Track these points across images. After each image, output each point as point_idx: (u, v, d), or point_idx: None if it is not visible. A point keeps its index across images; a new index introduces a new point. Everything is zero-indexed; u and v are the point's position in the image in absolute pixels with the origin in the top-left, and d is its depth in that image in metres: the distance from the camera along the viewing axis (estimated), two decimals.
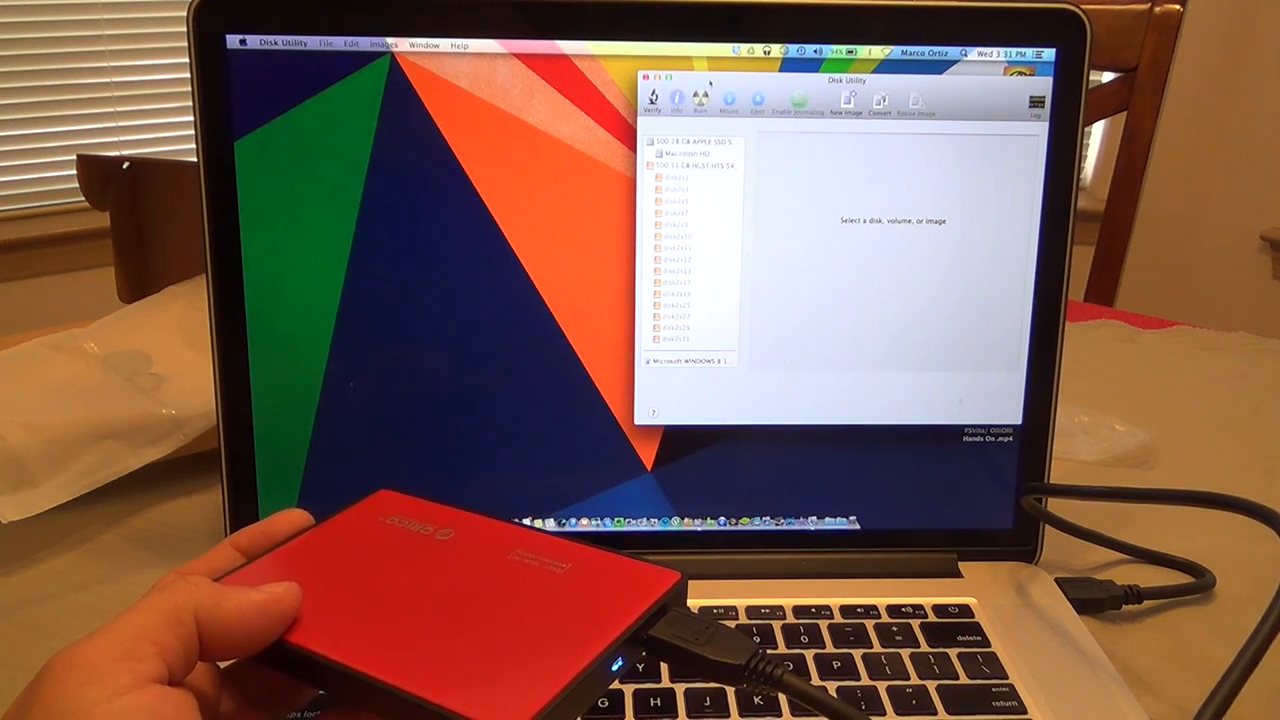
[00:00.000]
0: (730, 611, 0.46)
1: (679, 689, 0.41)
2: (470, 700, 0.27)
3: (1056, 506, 0.51)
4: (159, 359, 0.63)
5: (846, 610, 0.47)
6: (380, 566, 0.34)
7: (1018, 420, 0.50)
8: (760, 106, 0.47)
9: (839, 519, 0.50)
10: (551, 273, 0.47)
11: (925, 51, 0.47)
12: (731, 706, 0.40)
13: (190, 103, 0.45)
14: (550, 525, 0.50)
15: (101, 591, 0.50)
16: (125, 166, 0.79)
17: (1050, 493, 0.50)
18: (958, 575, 0.50)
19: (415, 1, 0.45)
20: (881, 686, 0.42)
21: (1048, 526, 0.51)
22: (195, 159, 0.46)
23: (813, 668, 0.43)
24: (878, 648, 0.44)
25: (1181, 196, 2.19)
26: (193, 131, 0.45)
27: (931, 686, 0.42)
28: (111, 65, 1.97)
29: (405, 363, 0.48)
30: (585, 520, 0.50)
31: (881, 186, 0.47)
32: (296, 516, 0.36)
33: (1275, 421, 0.73)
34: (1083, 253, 0.66)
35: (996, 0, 0.47)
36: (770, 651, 0.42)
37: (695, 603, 0.41)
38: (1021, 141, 0.47)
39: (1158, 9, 1.10)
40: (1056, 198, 0.48)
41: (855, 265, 0.48)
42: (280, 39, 0.45)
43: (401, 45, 0.45)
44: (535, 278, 0.47)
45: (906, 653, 0.44)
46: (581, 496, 0.49)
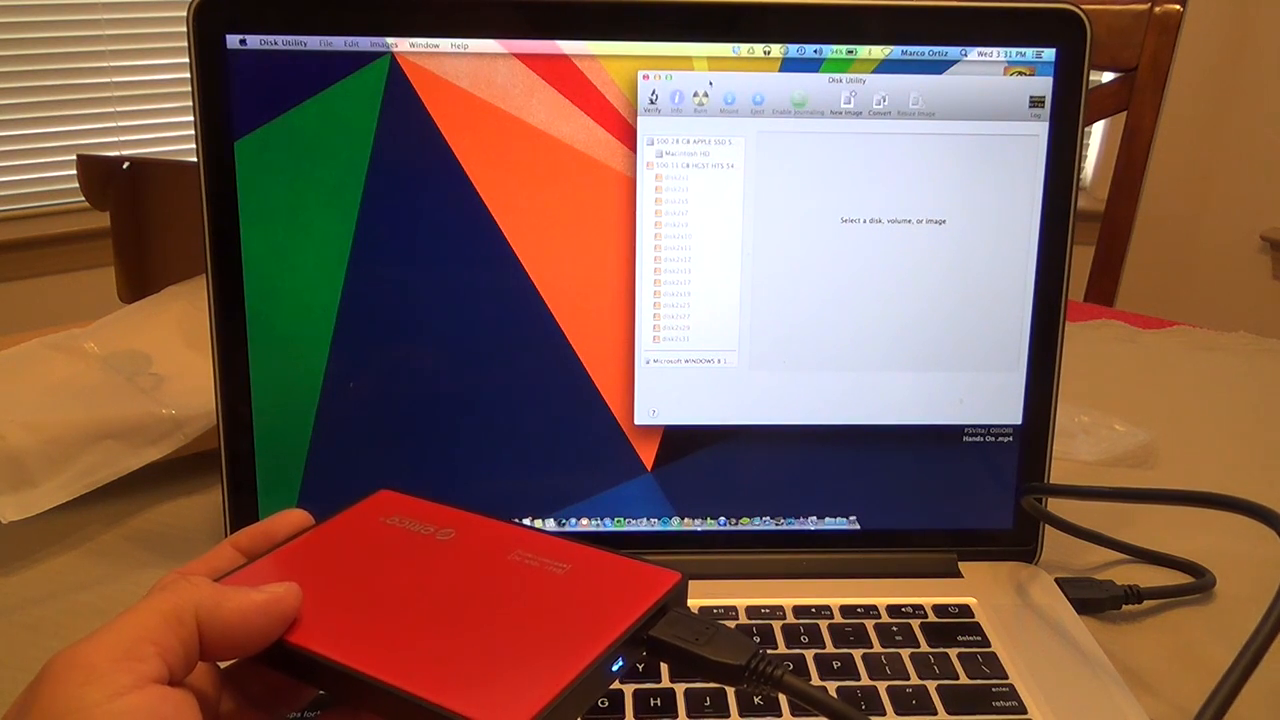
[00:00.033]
0: (730, 611, 0.46)
1: (679, 689, 0.41)
2: (470, 700, 0.27)
3: (1056, 506, 0.51)
4: (159, 359, 0.63)
5: (846, 610, 0.47)
6: (380, 567, 0.34)
7: (1018, 420, 0.50)
8: (760, 106, 0.47)
9: (839, 519, 0.50)
10: (551, 273, 0.47)
11: (925, 51, 0.47)
12: (731, 706, 0.40)
13: (190, 103, 0.45)
14: (550, 525, 0.50)
15: (101, 591, 0.50)
16: (125, 166, 0.79)
17: (1050, 493, 0.50)
18: (958, 575, 0.50)
19: (415, 1, 0.45)
20: (881, 686, 0.42)
21: (1048, 526, 0.51)
22: (195, 159, 0.46)
23: (813, 668, 0.43)
24: (878, 648, 0.44)
25: (1181, 196, 2.19)
26: (193, 131, 0.45)
27: (931, 686, 0.42)
28: (111, 65, 1.97)
29: (405, 363, 0.48)
30: (585, 520, 0.50)
31: (881, 186, 0.47)
32: (296, 517, 0.36)
33: (1275, 421, 0.73)
34: (1083, 253, 0.66)
35: (996, 0, 0.47)
36: (770, 651, 0.42)
37: (695, 603, 0.41)
38: (1021, 141, 0.47)
39: (1158, 9, 1.10)
40: (1056, 198, 0.48)
41: (855, 265, 0.48)
42: (280, 39, 0.45)
43: (401, 45, 0.45)
44: (535, 278, 0.47)
45: (906, 653, 0.44)
46: (581, 496, 0.49)
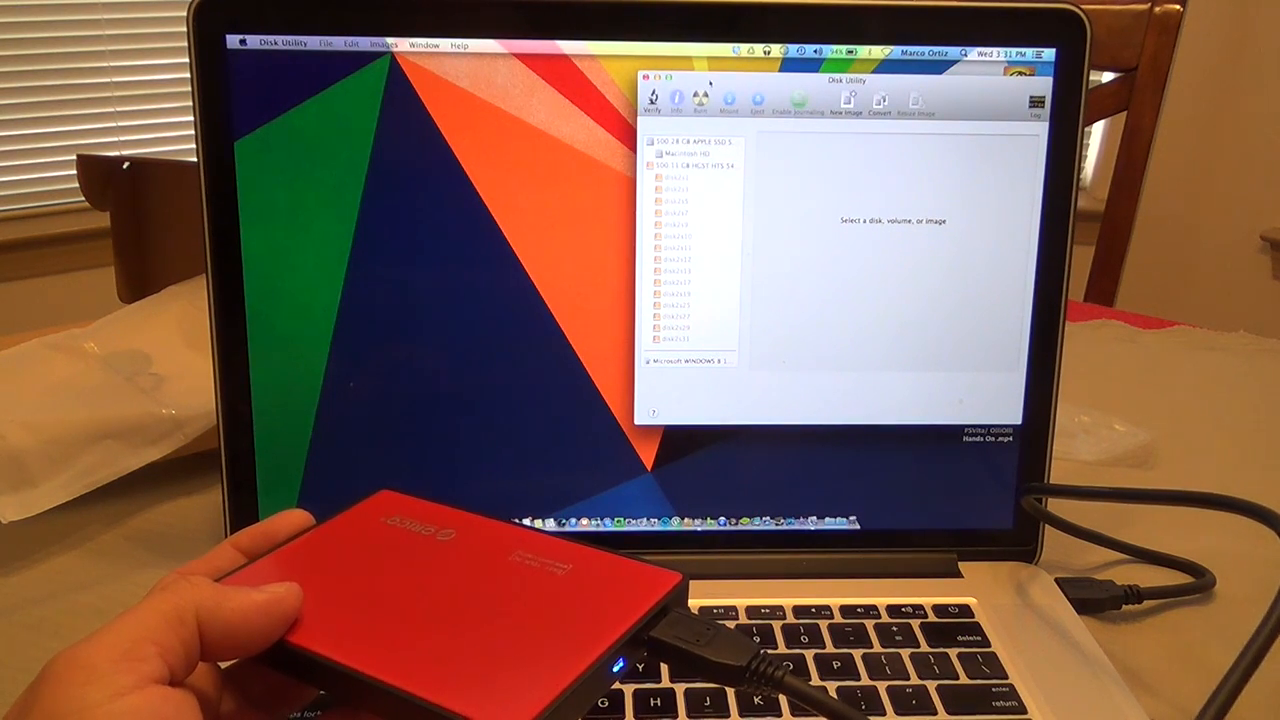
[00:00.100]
0: (730, 611, 0.46)
1: (679, 689, 0.41)
2: (471, 701, 0.27)
3: (1056, 506, 0.51)
4: (159, 359, 0.63)
5: (846, 610, 0.47)
6: (381, 567, 0.34)
7: (1018, 420, 0.50)
8: (760, 106, 0.47)
9: (839, 519, 0.50)
10: (551, 273, 0.47)
11: (925, 51, 0.47)
12: (731, 707, 0.40)
13: (190, 103, 0.45)
14: (550, 525, 0.50)
15: (101, 591, 0.50)
16: (125, 166, 0.79)
17: (1050, 493, 0.50)
18: (958, 575, 0.50)
19: (415, 1, 0.45)
20: (881, 686, 0.42)
21: (1048, 526, 0.51)
22: (195, 159, 0.46)
23: (813, 668, 0.43)
24: (878, 648, 0.44)
25: (1181, 196, 2.19)
26: (193, 131, 0.45)
27: (931, 686, 0.42)
28: (111, 65, 1.97)
29: (405, 363, 0.48)
30: (585, 520, 0.50)
31: (881, 186, 0.47)
32: (297, 517, 0.36)
33: (1275, 421, 0.73)
34: (1083, 253, 0.66)
35: (996, 0, 0.47)
36: (770, 651, 0.42)
37: (695, 603, 0.41)
38: (1021, 141, 0.47)
39: (1158, 9, 1.10)
40: (1056, 198, 0.48)
41: (855, 265, 0.48)
42: (280, 39, 0.45)
43: (401, 45, 0.45)
44: (535, 278, 0.47)
45: (906, 653, 0.44)
46: (581, 496, 0.49)
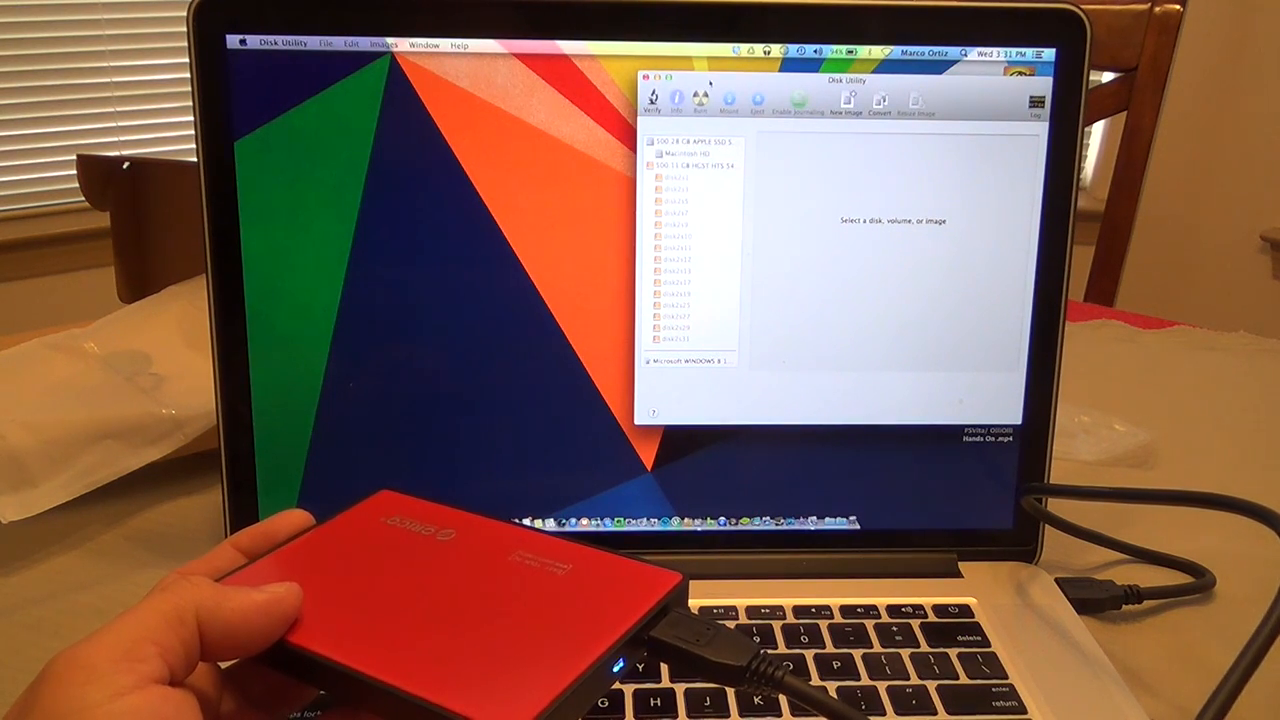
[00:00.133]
0: (730, 611, 0.46)
1: (679, 689, 0.41)
2: (471, 701, 0.27)
3: (1056, 506, 0.51)
4: (159, 359, 0.63)
5: (846, 610, 0.47)
6: (381, 567, 0.34)
7: (1018, 420, 0.50)
8: (760, 106, 0.47)
9: (839, 519, 0.50)
10: (551, 273, 0.47)
11: (925, 51, 0.47)
12: (731, 706, 0.40)
13: (190, 103, 0.45)
14: (550, 525, 0.50)
15: (101, 591, 0.50)
16: (125, 166, 0.79)
17: (1050, 493, 0.50)
18: (958, 575, 0.50)
19: (415, 1, 0.45)
20: (881, 686, 0.42)
21: (1048, 526, 0.51)
22: (195, 159, 0.46)
23: (813, 668, 0.43)
24: (878, 648, 0.44)
25: (1181, 196, 2.19)
26: (193, 131, 0.45)
27: (931, 686, 0.42)
28: (111, 65, 1.97)
29: (405, 363, 0.48)
30: (585, 520, 0.50)
31: (881, 186, 0.47)
32: (297, 517, 0.36)
33: (1275, 421, 0.73)
34: (1083, 253, 0.66)
35: (996, 0, 0.47)
36: (770, 651, 0.42)
37: (695, 603, 0.41)
38: (1021, 141, 0.47)
39: (1158, 9, 1.10)
40: (1056, 198, 0.48)
41: (855, 265, 0.48)
42: (280, 39, 0.45)
43: (401, 45, 0.45)
44: (535, 278, 0.47)
45: (906, 653, 0.44)
46: (581, 496, 0.49)
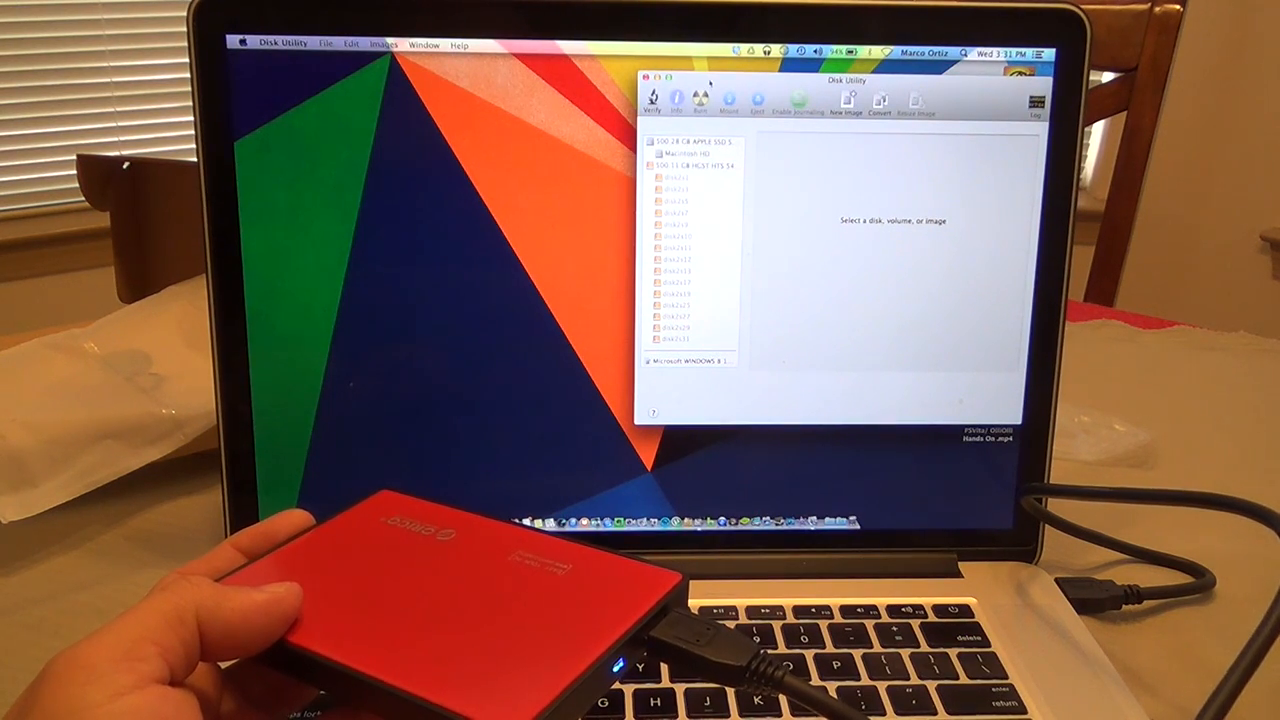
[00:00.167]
0: (730, 611, 0.46)
1: (679, 689, 0.41)
2: (471, 701, 0.27)
3: (1056, 506, 0.51)
4: (159, 359, 0.63)
5: (846, 610, 0.47)
6: (381, 567, 0.34)
7: (1018, 420, 0.50)
8: (760, 106, 0.47)
9: (839, 519, 0.50)
10: (551, 273, 0.47)
11: (925, 51, 0.47)
12: (731, 706, 0.40)
13: (190, 103, 0.45)
14: (550, 525, 0.50)
15: (101, 591, 0.50)
16: (125, 166, 0.79)
17: (1050, 493, 0.50)
18: (958, 575, 0.50)
19: (415, 1, 0.45)
20: (881, 686, 0.42)
21: (1048, 526, 0.51)
22: (195, 159, 0.46)
23: (813, 668, 0.43)
24: (878, 648, 0.44)
25: (1181, 196, 2.19)
26: (193, 131, 0.45)
27: (931, 686, 0.42)
28: (111, 65, 1.97)
29: (405, 363, 0.48)
30: (585, 520, 0.50)
31: (881, 186, 0.47)
32: (297, 517, 0.36)
33: (1275, 421, 0.73)
34: (1083, 253, 0.66)
35: (996, 0, 0.47)
36: (770, 651, 0.42)
37: (695, 603, 0.41)
38: (1021, 141, 0.47)
39: (1158, 9, 1.10)
40: (1056, 198, 0.48)
41: (855, 265, 0.48)
42: (280, 39, 0.45)
43: (401, 45, 0.45)
44: (535, 278, 0.47)
45: (906, 653, 0.44)
46: (581, 496, 0.49)
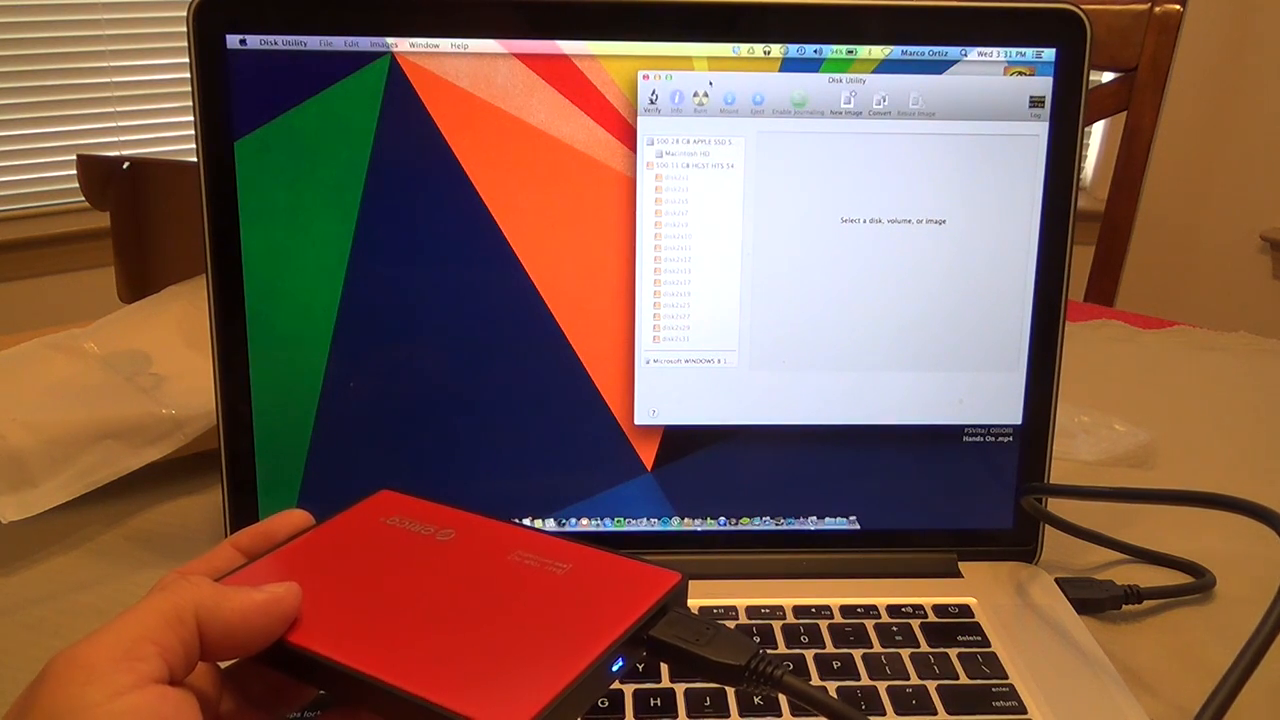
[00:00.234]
0: (730, 611, 0.46)
1: (679, 689, 0.41)
2: (470, 700, 0.27)
3: (1056, 506, 0.51)
4: (159, 359, 0.63)
5: (846, 610, 0.47)
6: (381, 567, 0.34)
7: (1018, 420, 0.50)
8: (760, 106, 0.47)
9: (839, 519, 0.50)
10: (551, 273, 0.47)
11: (925, 51, 0.47)
12: (731, 706, 0.40)
13: (190, 103, 0.45)
14: (550, 525, 0.50)
15: (101, 591, 0.50)
16: (125, 166, 0.79)
17: (1050, 493, 0.50)
18: (958, 575, 0.50)
19: (415, 1, 0.45)
20: (881, 686, 0.42)
21: (1048, 526, 0.51)
22: (195, 159, 0.46)
23: (813, 668, 0.43)
24: (878, 648, 0.44)
25: (1181, 196, 2.19)
26: (193, 131, 0.45)
27: (931, 686, 0.42)
28: (111, 65, 1.97)
29: (405, 363, 0.48)
30: (585, 520, 0.50)
31: (881, 186, 0.47)
32: (297, 517, 0.36)
33: (1275, 421, 0.73)
34: (1083, 253, 0.66)
35: (996, 0, 0.47)
36: (770, 651, 0.42)
37: (695, 603, 0.41)
38: (1021, 141, 0.47)
39: (1158, 9, 1.10)
40: (1056, 198, 0.48)
41: (855, 265, 0.48)
42: (280, 39, 0.45)
43: (401, 45, 0.45)
44: (535, 278, 0.47)
45: (906, 653, 0.44)
46: (581, 496, 0.49)
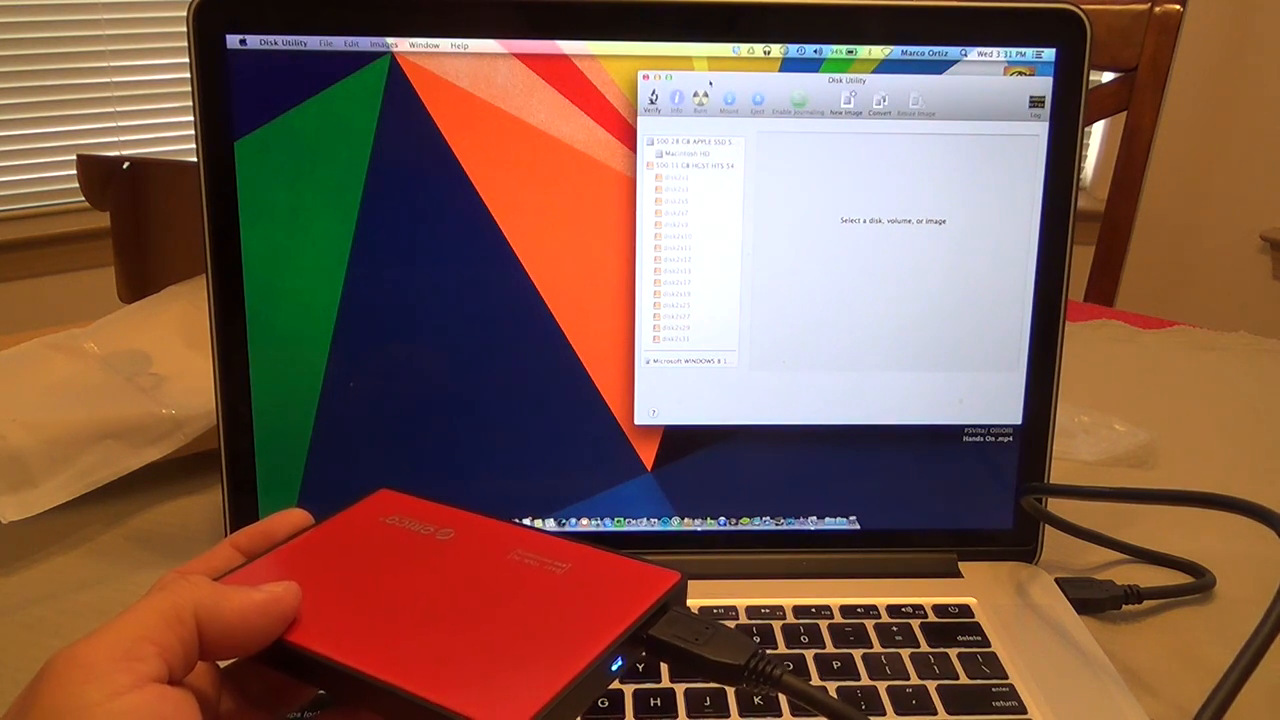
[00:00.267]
0: (730, 611, 0.46)
1: (679, 689, 0.41)
2: (470, 700, 0.27)
3: (1056, 506, 0.51)
4: (159, 359, 0.63)
5: (846, 610, 0.47)
6: (380, 566, 0.34)
7: (1018, 420, 0.50)
8: (760, 106, 0.47)
9: (839, 519, 0.50)
10: (551, 273, 0.47)
11: (925, 51, 0.47)
12: (731, 706, 0.40)
13: (190, 103, 0.45)
14: (550, 525, 0.50)
15: (101, 591, 0.50)
16: (125, 166, 0.79)
17: (1050, 493, 0.50)
18: (958, 575, 0.50)
19: (415, 1, 0.45)
20: (881, 686, 0.42)
21: (1048, 526, 0.51)
22: (195, 159, 0.46)
23: (813, 668, 0.43)
24: (878, 648, 0.44)
25: (1181, 196, 2.19)
26: (193, 131, 0.45)
27: (931, 686, 0.42)
28: (111, 65, 1.97)
29: (405, 363, 0.48)
30: (585, 520, 0.50)
31: (881, 186, 0.47)
32: (296, 516, 0.36)
33: (1275, 421, 0.73)
34: (1083, 253, 0.66)
35: (996, 0, 0.47)
36: (770, 651, 0.42)
37: (695, 603, 0.41)
38: (1021, 141, 0.47)
39: (1158, 9, 1.10)
40: (1056, 198, 0.48)
41: (855, 265, 0.48)
42: (280, 39, 0.45)
43: (401, 45, 0.45)
44: (535, 278, 0.47)
45: (906, 653, 0.44)
46: (581, 496, 0.49)
